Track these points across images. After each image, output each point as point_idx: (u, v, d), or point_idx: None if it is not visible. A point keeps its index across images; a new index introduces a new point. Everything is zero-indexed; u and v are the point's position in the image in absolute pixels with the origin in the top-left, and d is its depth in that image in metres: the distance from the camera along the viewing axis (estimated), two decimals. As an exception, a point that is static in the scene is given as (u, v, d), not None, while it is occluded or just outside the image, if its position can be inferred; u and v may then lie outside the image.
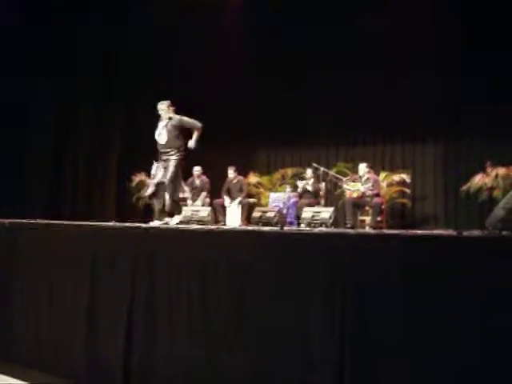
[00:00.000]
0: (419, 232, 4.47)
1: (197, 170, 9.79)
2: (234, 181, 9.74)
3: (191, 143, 6.48)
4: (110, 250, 4.43)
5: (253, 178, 11.01)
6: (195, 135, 6.49)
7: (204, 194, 9.71)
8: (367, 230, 8.00)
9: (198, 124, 6.52)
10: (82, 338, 4.45)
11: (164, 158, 6.43)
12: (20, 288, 5.07)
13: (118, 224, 5.59)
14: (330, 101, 10.73)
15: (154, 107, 6.55)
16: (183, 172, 6.91)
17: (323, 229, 6.64)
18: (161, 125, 6.47)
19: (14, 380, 4.47)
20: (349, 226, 8.10)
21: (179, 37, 10.84)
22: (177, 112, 6.59)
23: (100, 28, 10.86)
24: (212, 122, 11.00)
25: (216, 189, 9.87)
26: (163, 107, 6.49)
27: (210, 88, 10.92)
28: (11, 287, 5.15)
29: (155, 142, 6.47)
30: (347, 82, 10.39)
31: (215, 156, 10.72)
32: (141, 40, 11.13)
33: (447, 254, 3.03)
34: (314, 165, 9.52)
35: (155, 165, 6.69)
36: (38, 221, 5.80)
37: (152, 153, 6.76)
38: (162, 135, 6.42)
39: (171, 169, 6.32)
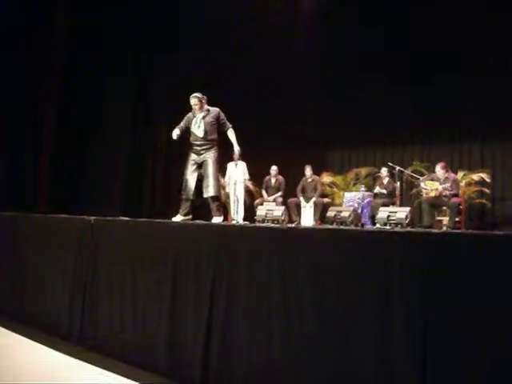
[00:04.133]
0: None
1: (274, 169, 9.88)
2: (310, 180, 9.75)
3: (237, 148, 6.41)
4: (191, 248, 4.52)
5: (326, 178, 10.95)
6: (234, 138, 6.38)
7: (279, 193, 9.77)
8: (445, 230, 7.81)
9: (229, 124, 6.41)
10: (163, 334, 4.56)
11: (201, 151, 6.26)
12: (105, 283, 5.25)
13: (198, 222, 5.70)
14: (405, 98, 10.55)
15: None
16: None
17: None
18: (198, 117, 6.29)
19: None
20: (426, 226, 7.92)
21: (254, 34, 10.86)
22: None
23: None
24: (287, 121, 11.21)
25: (290, 188, 9.92)
26: (195, 101, 6.28)
27: (286, 88, 10.98)
28: (96, 282, 5.36)
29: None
30: (423, 79, 10.18)
31: (289, 155, 10.76)
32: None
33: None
34: (390, 164, 9.41)
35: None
36: (121, 218, 6.00)
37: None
38: (200, 128, 6.25)
39: (212, 166, 6.18)
